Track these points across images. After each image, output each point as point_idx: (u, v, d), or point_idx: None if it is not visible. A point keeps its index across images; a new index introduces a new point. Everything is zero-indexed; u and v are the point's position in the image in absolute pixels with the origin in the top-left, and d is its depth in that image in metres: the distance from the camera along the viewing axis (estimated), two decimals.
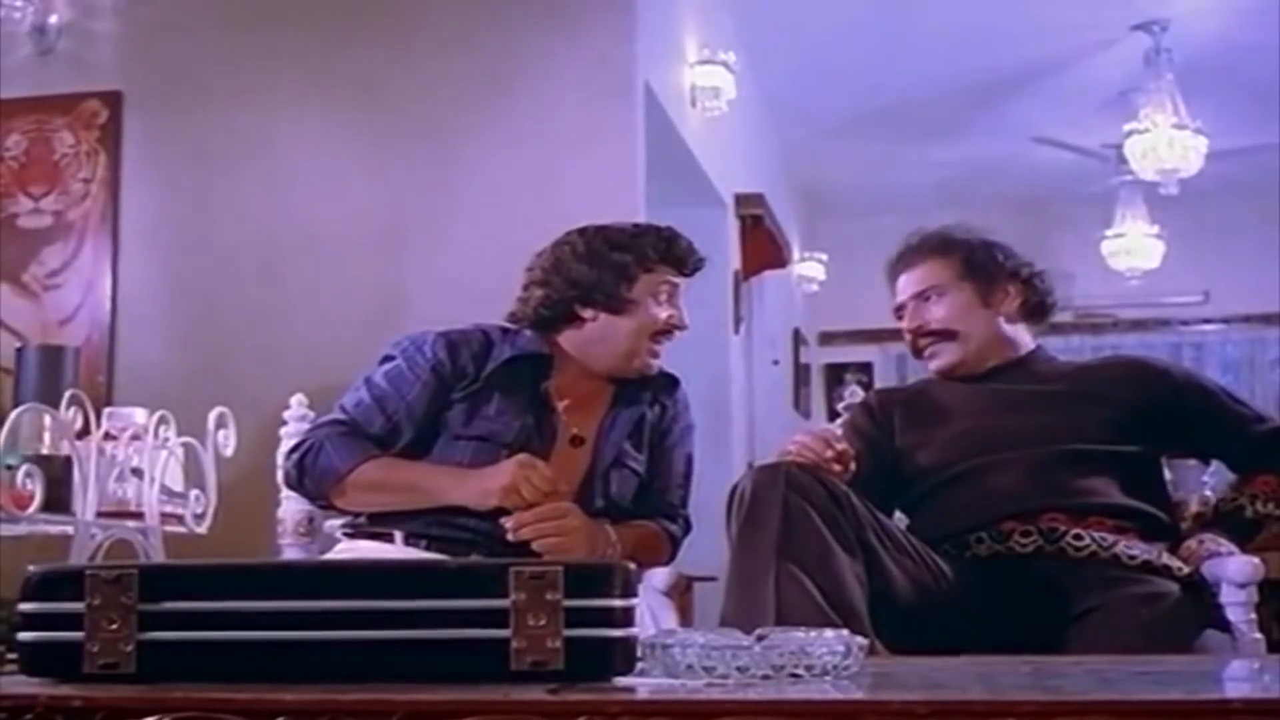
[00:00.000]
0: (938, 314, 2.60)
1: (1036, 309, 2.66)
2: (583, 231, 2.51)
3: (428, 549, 2.32)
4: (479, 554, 2.27)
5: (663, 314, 2.45)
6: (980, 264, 2.61)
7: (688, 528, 2.55)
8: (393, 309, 4.05)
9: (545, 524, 2.25)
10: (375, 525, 2.39)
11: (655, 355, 2.48)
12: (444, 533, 2.32)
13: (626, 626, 1.26)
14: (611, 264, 2.44)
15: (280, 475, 2.51)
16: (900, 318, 2.67)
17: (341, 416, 2.42)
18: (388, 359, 2.46)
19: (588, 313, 2.45)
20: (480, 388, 2.40)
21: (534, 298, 2.49)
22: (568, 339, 2.48)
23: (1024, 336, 2.65)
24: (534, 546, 2.24)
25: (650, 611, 2.30)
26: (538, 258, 2.53)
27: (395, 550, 2.33)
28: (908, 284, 2.65)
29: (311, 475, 2.38)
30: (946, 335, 2.60)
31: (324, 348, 3.92)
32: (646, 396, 2.51)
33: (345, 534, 2.45)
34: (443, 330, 2.46)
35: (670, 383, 2.56)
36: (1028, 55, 6.25)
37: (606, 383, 2.50)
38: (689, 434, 2.58)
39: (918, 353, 2.66)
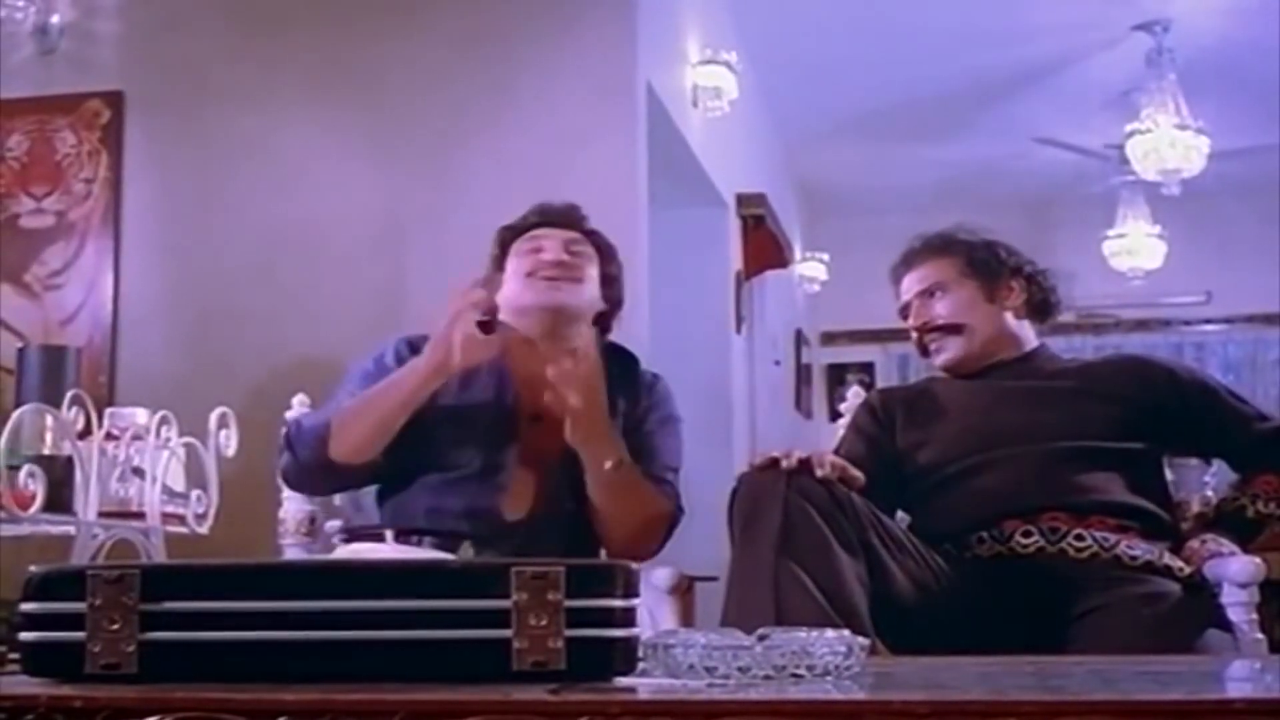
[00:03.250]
0: (943, 310, 2.62)
1: (1040, 307, 2.67)
2: None
3: (419, 544, 2.33)
4: (470, 545, 2.28)
5: (525, 261, 2.53)
6: (983, 261, 2.63)
7: (679, 509, 2.49)
8: (393, 309, 4.05)
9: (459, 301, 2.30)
10: (368, 526, 2.42)
11: (555, 289, 2.50)
12: (429, 524, 2.34)
13: (628, 627, 1.26)
14: (497, 237, 2.64)
15: (279, 477, 2.53)
16: (905, 317, 2.68)
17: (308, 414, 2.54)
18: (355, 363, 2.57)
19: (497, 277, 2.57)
20: None
21: None
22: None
23: (1028, 334, 2.66)
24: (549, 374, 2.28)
25: (649, 611, 2.29)
26: None
27: (389, 549, 2.33)
28: (912, 283, 2.66)
29: (300, 446, 2.41)
30: (952, 329, 2.61)
31: (324, 348, 3.92)
32: (615, 381, 2.50)
33: (342, 539, 2.45)
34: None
35: (630, 363, 2.58)
36: (1029, 55, 6.25)
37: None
38: (671, 424, 2.55)
39: (924, 349, 2.67)
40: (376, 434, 2.37)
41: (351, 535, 2.43)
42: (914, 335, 2.67)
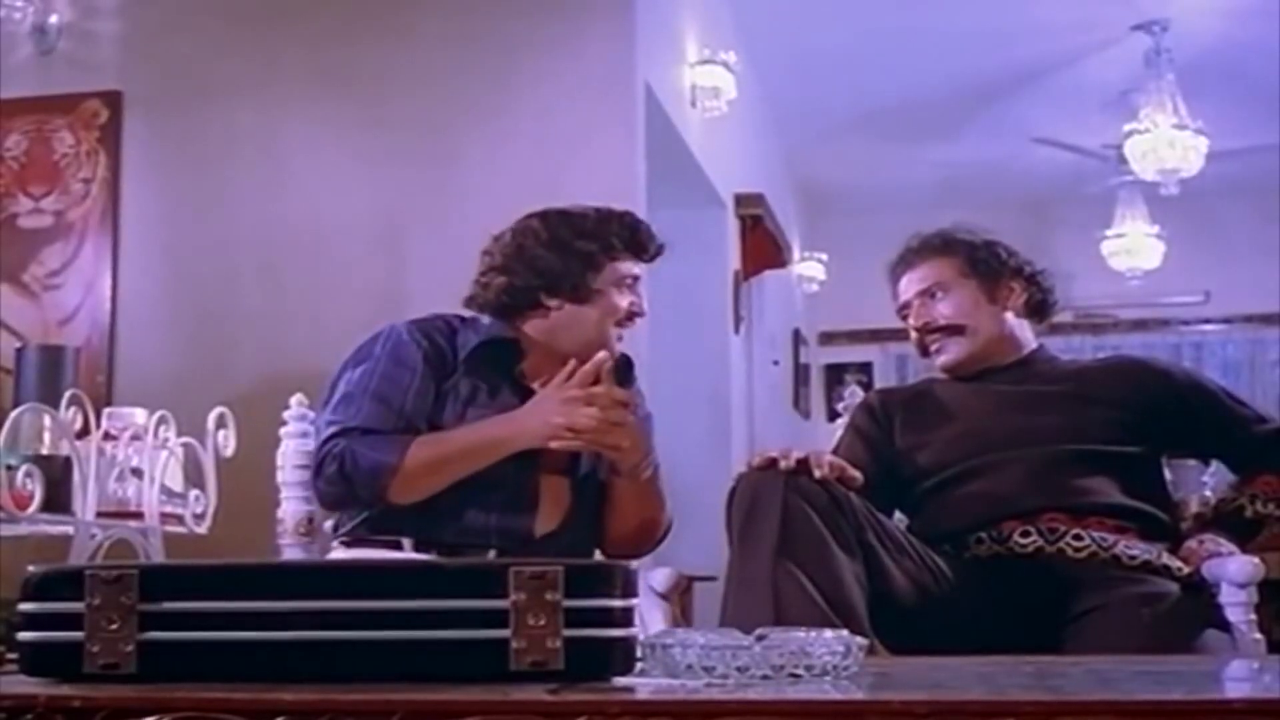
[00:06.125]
0: (945, 310, 2.60)
1: (1039, 307, 2.66)
2: (544, 217, 2.46)
3: (440, 555, 2.26)
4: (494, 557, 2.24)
5: (624, 302, 2.42)
6: (983, 261, 2.62)
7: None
8: (392, 309, 4.02)
9: (611, 412, 2.22)
10: (381, 532, 2.31)
11: (619, 340, 2.44)
12: (456, 539, 2.26)
13: (626, 627, 1.26)
14: (577, 253, 2.39)
15: (317, 496, 2.39)
16: (905, 317, 2.67)
17: (349, 425, 2.29)
18: (359, 363, 2.38)
19: (553, 302, 2.40)
20: (461, 377, 2.36)
21: (495, 285, 2.43)
22: (533, 326, 2.43)
23: (1027, 335, 2.65)
24: (586, 439, 2.24)
25: (639, 614, 2.27)
26: (495, 242, 2.48)
27: (403, 558, 2.26)
28: (911, 283, 2.65)
29: (359, 478, 2.24)
30: (954, 330, 2.59)
31: (324, 348, 3.90)
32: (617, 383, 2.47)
33: (342, 542, 2.38)
34: (403, 323, 2.42)
35: (628, 364, 2.52)
36: (1028, 55, 6.25)
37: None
38: (649, 422, 2.53)
39: (925, 350, 2.65)
40: (448, 480, 2.26)
41: (354, 540, 2.35)
42: (914, 335, 2.66)
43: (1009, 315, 2.62)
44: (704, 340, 5.71)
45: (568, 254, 2.39)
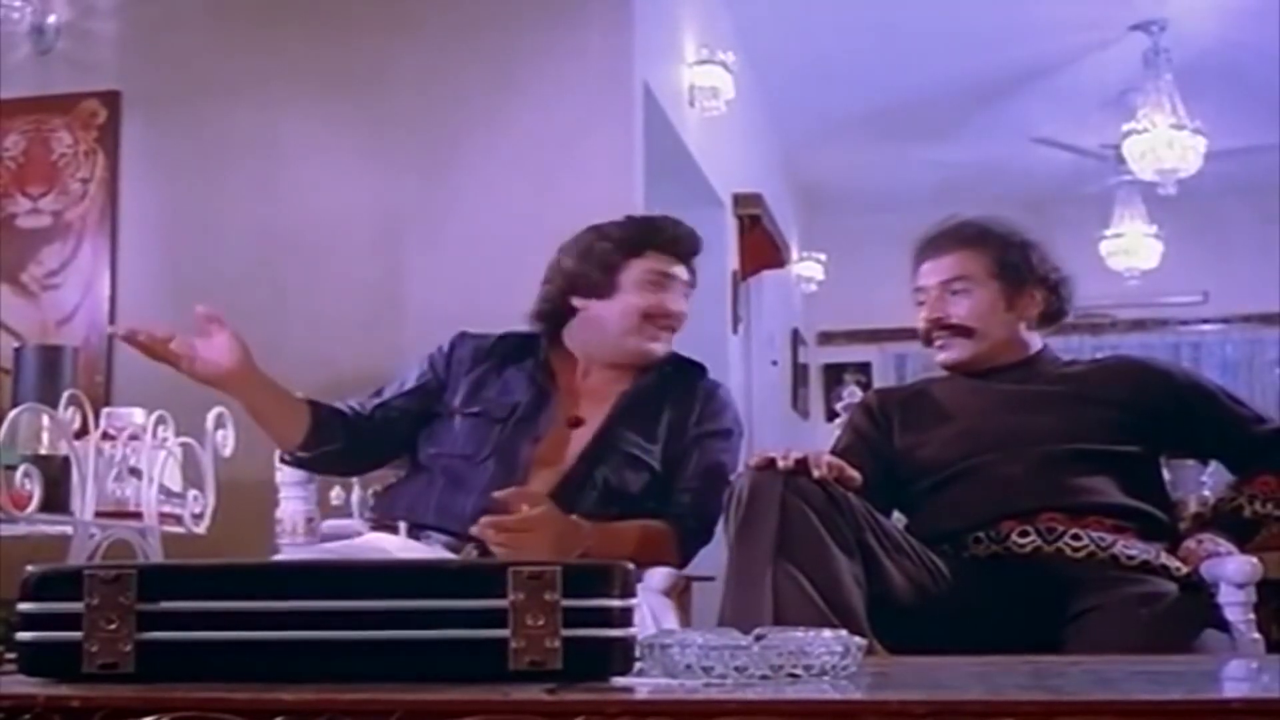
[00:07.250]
0: (960, 310, 2.56)
1: (1053, 315, 2.64)
2: (587, 229, 2.59)
3: (429, 540, 2.37)
4: (474, 548, 2.31)
5: (645, 300, 2.49)
6: (1012, 265, 2.57)
7: (698, 531, 2.50)
8: (392, 308, 4.05)
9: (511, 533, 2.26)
10: (388, 516, 2.46)
11: (655, 339, 2.51)
12: (445, 524, 2.37)
13: (625, 626, 1.26)
14: (597, 253, 2.52)
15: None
16: (920, 302, 2.62)
17: None
18: None
19: (578, 302, 2.54)
20: (485, 370, 2.52)
21: (538, 296, 2.60)
22: (568, 332, 2.57)
23: (1033, 337, 2.63)
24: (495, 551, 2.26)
25: (651, 612, 2.28)
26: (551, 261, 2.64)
27: (399, 541, 2.39)
28: (934, 270, 2.59)
29: None
30: (963, 331, 2.57)
31: (322, 347, 3.92)
32: (669, 392, 2.53)
33: (370, 527, 2.53)
34: None
35: (690, 379, 2.58)
36: (1027, 55, 6.25)
37: (622, 375, 2.54)
38: (715, 439, 2.55)
39: (929, 342, 2.63)
40: (263, 424, 2.54)
41: (375, 524, 2.50)
42: (923, 325, 2.62)
43: (1021, 324, 2.60)
44: (702, 340, 5.68)
45: (588, 255, 2.53)
